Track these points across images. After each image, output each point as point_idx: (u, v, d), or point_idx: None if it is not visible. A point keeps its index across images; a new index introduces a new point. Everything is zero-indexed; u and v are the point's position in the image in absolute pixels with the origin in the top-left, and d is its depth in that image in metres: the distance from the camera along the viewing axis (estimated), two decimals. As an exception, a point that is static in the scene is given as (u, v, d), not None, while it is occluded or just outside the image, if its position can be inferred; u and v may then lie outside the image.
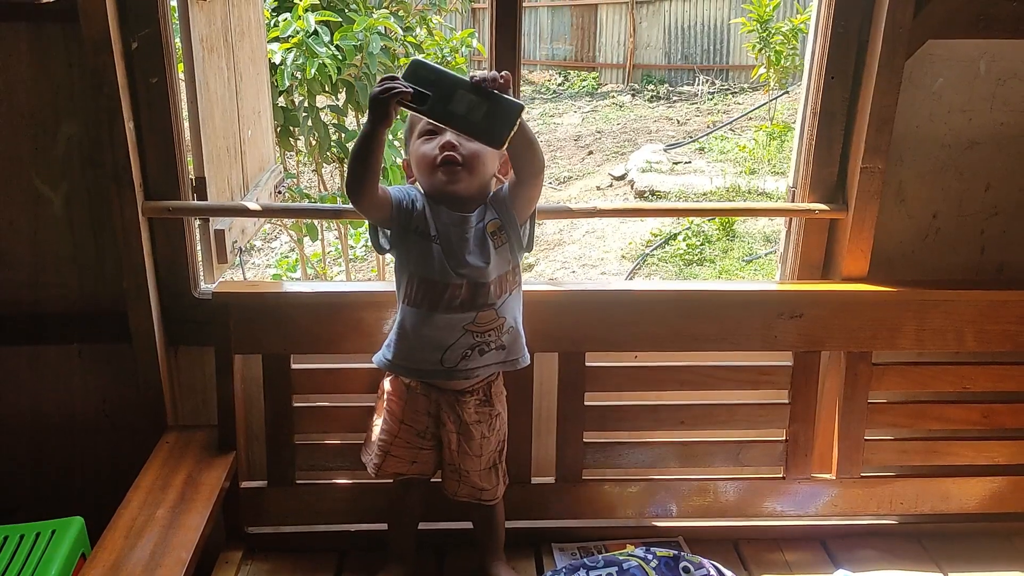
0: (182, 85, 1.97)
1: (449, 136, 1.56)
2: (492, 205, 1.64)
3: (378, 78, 4.04)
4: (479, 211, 1.62)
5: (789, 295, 1.91)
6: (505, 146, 1.47)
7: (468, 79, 1.47)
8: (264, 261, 6.15)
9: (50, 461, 2.05)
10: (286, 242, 6.20)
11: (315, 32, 3.71)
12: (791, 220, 2.05)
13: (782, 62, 8.23)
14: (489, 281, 1.61)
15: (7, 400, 2.01)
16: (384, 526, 1.87)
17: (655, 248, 6.30)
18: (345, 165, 4.31)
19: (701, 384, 1.92)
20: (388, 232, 1.65)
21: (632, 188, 7.35)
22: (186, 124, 1.95)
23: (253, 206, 2.00)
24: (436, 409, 1.72)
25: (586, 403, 1.90)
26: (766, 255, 6.07)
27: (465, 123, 1.46)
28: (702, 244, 6.29)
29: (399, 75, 1.48)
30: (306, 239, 4.39)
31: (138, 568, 1.50)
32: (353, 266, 5.67)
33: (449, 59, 4.66)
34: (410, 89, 1.46)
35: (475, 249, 1.61)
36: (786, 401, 1.93)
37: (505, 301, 1.64)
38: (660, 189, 7.12)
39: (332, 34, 3.77)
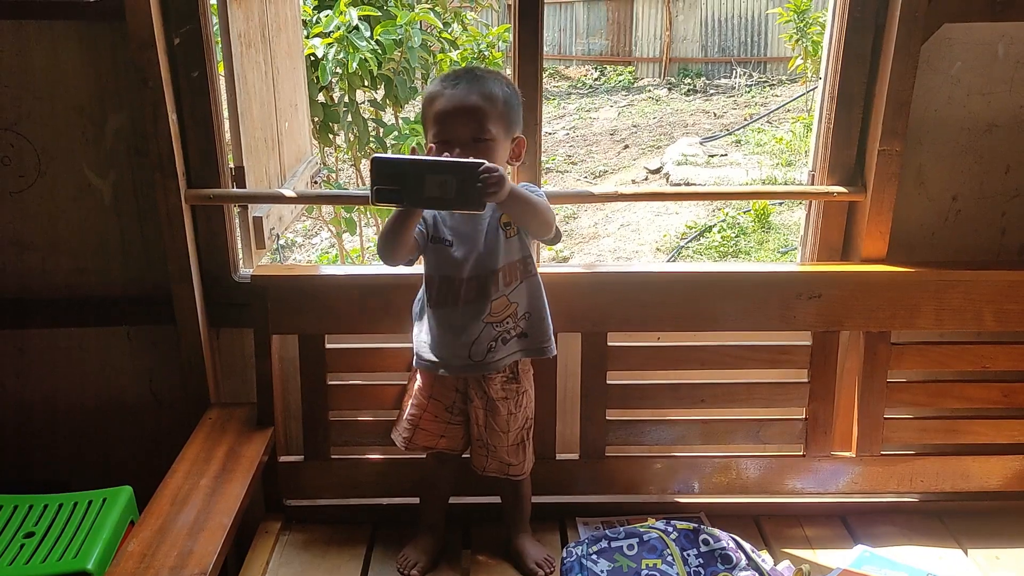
0: (222, 80, 2.06)
1: (459, 148, 1.59)
2: None
3: (417, 72, 4.18)
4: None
5: (808, 276, 1.94)
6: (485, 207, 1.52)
7: (428, 159, 1.53)
8: (305, 257, 6.28)
9: (101, 436, 2.16)
10: (326, 238, 6.32)
11: (356, 27, 3.81)
12: (811, 203, 2.09)
13: (819, 52, 8.16)
14: (497, 270, 1.69)
15: (61, 379, 2.12)
16: (415, 500, 1.94)
17: (690, 240, 6.31)
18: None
19: (721, 363, 1.96)
20: None
21: (668, 181, 7.35)
22: (226, 116, 2.04)
23: (289, 193, 2.09)
24: (464, 385, 1.79)
25: (608, 382, 1.95)
26: (802, 246, 6.04)
27: (442, 203, 1.52)
28: (737, 236, 6.27)
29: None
30: (345, 235, 4.50)
31: (183, 531, 1.59)
32: (391, 260, 5.77)
33: (486, 54, 4.74)
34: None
35: (486, 242, 1.68)
36: (805, 380, 1.96)
37: (516, 288, 1.72)
38: (696, 182, 7.11)
39: (372, 29, 3.87)
